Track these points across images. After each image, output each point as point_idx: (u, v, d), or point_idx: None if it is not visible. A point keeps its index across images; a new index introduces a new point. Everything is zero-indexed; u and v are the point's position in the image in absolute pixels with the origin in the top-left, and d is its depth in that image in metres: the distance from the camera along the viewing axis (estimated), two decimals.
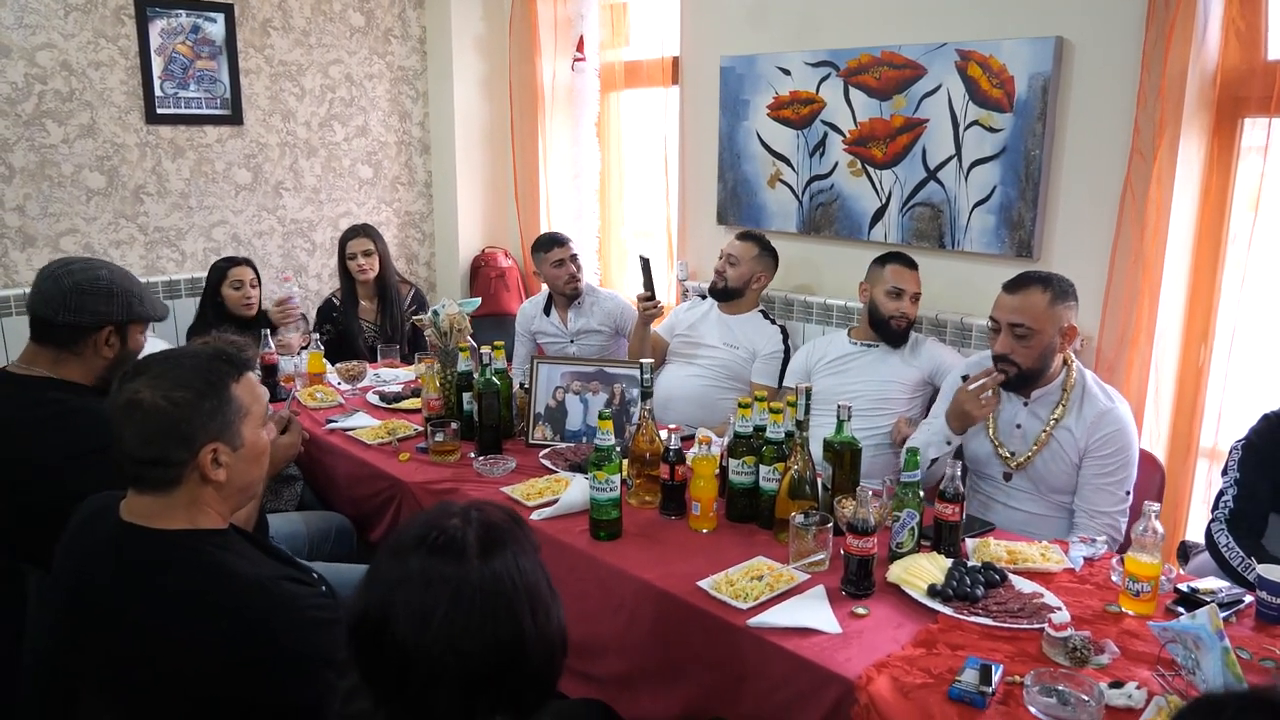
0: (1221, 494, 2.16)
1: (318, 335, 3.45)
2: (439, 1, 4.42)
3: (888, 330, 2.85)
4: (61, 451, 1.90)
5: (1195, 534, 2.67)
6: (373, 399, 3.11)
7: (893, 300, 2.82)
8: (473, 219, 4.65)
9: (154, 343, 2.34)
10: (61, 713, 1.78)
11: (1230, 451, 2.19)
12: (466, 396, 2.66)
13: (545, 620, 1.09)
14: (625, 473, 2.23)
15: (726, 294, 3.25)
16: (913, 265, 2.84)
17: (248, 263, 3.53)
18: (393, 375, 3.38)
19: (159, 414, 1.33)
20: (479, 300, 3.24)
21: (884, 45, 3.10)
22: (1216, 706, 0.83)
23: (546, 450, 2.57)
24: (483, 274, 4.60)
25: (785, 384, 3.04)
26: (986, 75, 2.87)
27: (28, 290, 3.46)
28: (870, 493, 1.79)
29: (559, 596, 1.14)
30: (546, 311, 3.68)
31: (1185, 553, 2.43)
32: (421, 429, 2.75)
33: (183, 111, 3.83)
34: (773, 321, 3.27)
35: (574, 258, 3.56)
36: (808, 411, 2.06)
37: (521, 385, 2.77)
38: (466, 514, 1.11)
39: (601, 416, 2.04)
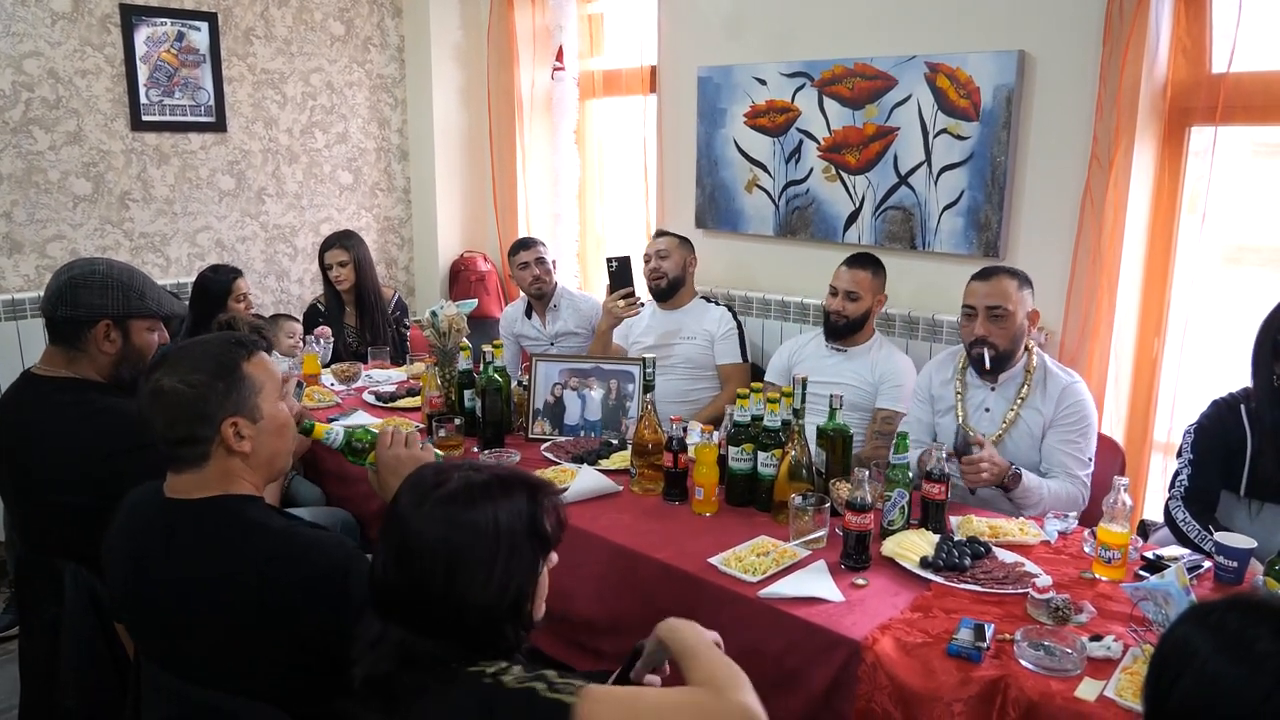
0: (1177, 474, 2.34)
1: (313, 339, 3.52)
2: (417, 11, 4.51)
3: (827, 325, 3.00)
4: (92, 451, 1.94)
5: (1151, 513, 2.87)
6: (369, 398, 3.19)
7: (830, 297, 2.97)
8: (451, 223, 4.73)
9: None
10: (120, 687, 1.87)
11: (1184, 434, 2.37)
12: (468, 394, 2.76)
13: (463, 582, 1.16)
14: (629, 462, 2.35)
15: (671, 286, 3.40)
16: (858, 264, 2.92)
17: (241, 274, 3.56)
18: (385, 376, 3.46)
19: (179, 397, 1.47)
20: (475, 301, 3.35)
21: (856, 57, 3.27)
22: (1206, 609, 0.97)
23: (547, 444, 2.69)
24: (462, 277, 4.68)
25: (768, 380, 3.17)
26: (954, 86, 3.05)
27: (15, 296, 3.53)
28: (867, 473, 1.94)
29: (517, 570, 1.20)
30: (528, 315, 3.78)
31: (1145, 530, 2.61)
32: (422, 426, 2.85)
33: (167, 119, 3.87)
34: (717, 303, 3.45)
35: (539, 260, 3.66)
36: (803, 400, 2.20)
37: (520, 383, 2.87)
38: (462, 470, 1.26)
39: None
